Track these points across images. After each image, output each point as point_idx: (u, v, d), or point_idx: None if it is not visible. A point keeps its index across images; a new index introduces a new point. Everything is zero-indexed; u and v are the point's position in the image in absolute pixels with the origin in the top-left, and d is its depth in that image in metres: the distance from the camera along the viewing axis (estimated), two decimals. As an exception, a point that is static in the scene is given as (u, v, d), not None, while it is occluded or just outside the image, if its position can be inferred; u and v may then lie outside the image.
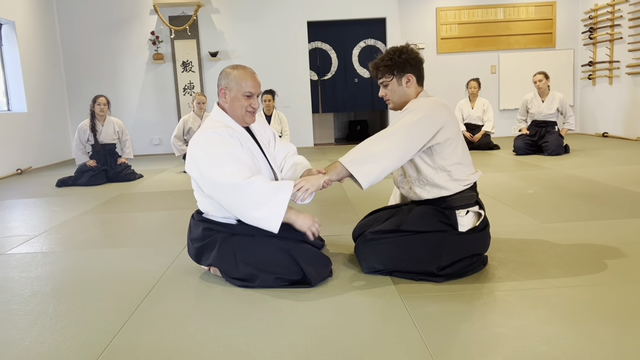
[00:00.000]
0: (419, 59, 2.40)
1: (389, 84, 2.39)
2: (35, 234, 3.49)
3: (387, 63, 2.36)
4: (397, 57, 2.35)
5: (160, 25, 8.76)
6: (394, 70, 2.36)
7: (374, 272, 2.33)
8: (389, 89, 2.40)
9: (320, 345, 1.70)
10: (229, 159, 2.18)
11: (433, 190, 2.33)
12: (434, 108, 2.28)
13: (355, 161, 2.20)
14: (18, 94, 7.52)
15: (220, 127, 2.28)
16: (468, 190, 2.34)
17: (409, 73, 2.36)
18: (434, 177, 2.30)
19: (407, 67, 2.35)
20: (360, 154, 2.21)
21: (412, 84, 2.38)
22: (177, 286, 2.35)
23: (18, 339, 1.87)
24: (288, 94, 8.53)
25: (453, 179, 2.30)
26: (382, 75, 2.39)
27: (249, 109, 2.32)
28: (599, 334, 1.69)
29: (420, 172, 2.34)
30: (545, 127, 6.52)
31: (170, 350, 1.72)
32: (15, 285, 2.46)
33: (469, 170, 2.36)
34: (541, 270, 2.31)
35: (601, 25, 8.27)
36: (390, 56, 2.36)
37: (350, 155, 2.21)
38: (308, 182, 2.18)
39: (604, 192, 3.93)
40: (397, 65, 2.35)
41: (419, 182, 2.36)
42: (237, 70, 2.33)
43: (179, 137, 6.47)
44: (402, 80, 2.37)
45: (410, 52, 2.38)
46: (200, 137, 2.27)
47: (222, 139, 2.23)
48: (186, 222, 2.66)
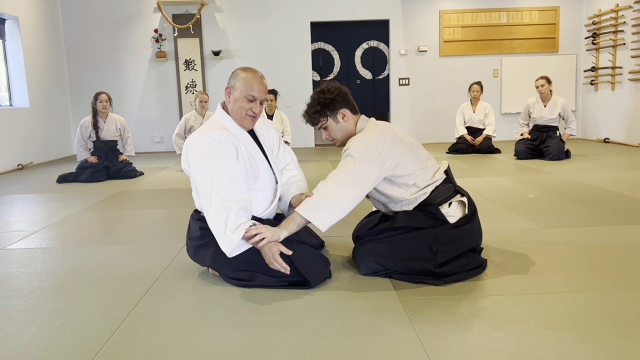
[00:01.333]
0: (342, 92, 2.44)
1: (327, 125, 2.44)
2: (35, 230, 3.49)
3: (316, 108, 2.42)
4: (323, 99, 2.40)
5: (163, 23, 8.77)
6: (326, 112, 2.41)
7: (372, 274, 2.33)
8: (328, 130, 2.46)
9: (318, 346, 1.71)
10: (210, 174, 2.19)
11: (410, 204, 2.36)
12: (372, 144, 2.28)
13: (311, 209, 2.21)
14: (20, 89, 7.53)
15: (217, 129, 2.27)
16: (442, 185, 2.36)
17: (341, 109, 2.41)
18: (404, 195, 2.34)
19: (336, 104, 2.40)
20: (315, 203, 2.22)
21: (348, 117, 2.43)
22: (175, 284, 2.35)
23: (17, 335, 1.87)
24: (290, 94, 8.53)
25: (422, 186, 2.33)
26: (317, 121, 2.44)
27: (249, 112, 2.31)
28: (597, 339, 1.69)
29: (389, 196, 2.38)
30: (547, 132, 6.53)
31: (168, 348, 1.72)
32: (15, 281, 2.47)
33: (431, 170, 2.38)
34: (540, 275, 2.31)
35: (604, 30, 8.28)
36: (317, 100, 2.41)
37: (307, 204, 2.22)
38: (269, 232, 2.16)
39: (605, 198, 3.93)
40: (326, 106, 2.40)
41: (393, 204, 2.41)
42: (246, 73, 2.32)
43: (181, 135, 6.47)
44: (337, 118, 2.42)
45: (332, 90, 2.42)
46: (196, 139, 2.27)
47: (213, 144, 2.21)
48: (186, 221, 2.67)
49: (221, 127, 2.31)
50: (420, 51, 8.94)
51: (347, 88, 2.50)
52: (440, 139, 8.99)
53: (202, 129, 2.33)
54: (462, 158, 6.75)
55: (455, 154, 7.22)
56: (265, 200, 2.38)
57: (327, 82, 2.50)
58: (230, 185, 2.17)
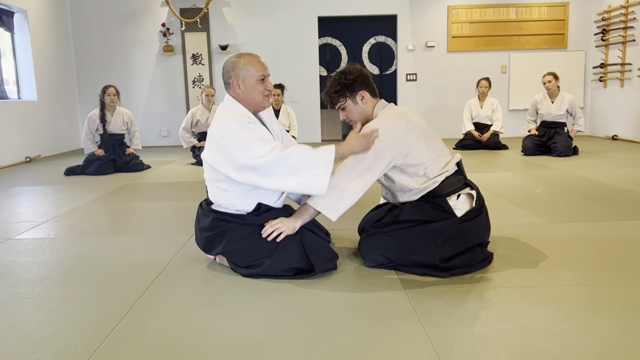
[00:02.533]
0: (364, 74, 2.45)
1: (345, 106, 2.44)
2: (43, 221, 3.52)
3: (336, 88, 2.42)
4: (344, 80, 2.40)
5: (171, 17, 8.78)
6: (345, 93, 2.41)
7: (378, 266, 2.34)
8: (347, 111, 2.46)
9: (323, 336, 1.71)
10: (259, 142, 2.17)
11: (419, 193, 2.36)
12: (386, 130, 2.28)
13: (321, 200, 2.24)
14: (28, 82, 7.57)
15: (242, 118, 2.26)
16: (452, 176, 2.35)
17: (360, 90, 2.41)
18: (414, 184, 2.35)
19: (356, 85, 2.41)
20: (326, 193, 2.23)
21: (367, 100, 2.43)
22: (183, 274, 2.36)
23: (24, 322, 1.88)
24: (297, 89, 8.52)
25: (431, 177, 2.33)
26: (336, 101, 2.45)
27: (266, 92, 2.33)
28: (603, 332, 1.69)
29: (398, 183, 2.38)
30: (555, 128, 6.49)
31: (175, 337, 1.73)
32: (22, 270, 2.48)
33: (443, 161, 2.37)
34: (547, 268, 2.31)
35: (614, 27, 8.21)
36: (338, 81, 2.42)
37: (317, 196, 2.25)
38: (285, 225, 2.22)
39: (612, 194, 3.91)
40: (346, 87, 2.41)
41: (401, 192, 2.41)
42: (243, 59, 2.31)
43: (187, 129, 6.48)
44: (356, 99, 2.42)
45: (354, 71, 2.43)
46: (227, 127, 2.22)
47: (248, 125, 2.21)
48: (193, 213, 2.67)
49: (242, 115, 2.29)
50: (428, 47, 8.90)
51: (369, 72, 2.49)
52: (448, 135, 8.96)
53: (223, 120, 2.27)
54: (469, 154, 6.73)
55: (462, 150, 7.19)
56: (276, 192, 2.38)
57: (349, 65, 2.50)
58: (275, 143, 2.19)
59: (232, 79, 2.31)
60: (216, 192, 2.36)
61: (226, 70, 2.33)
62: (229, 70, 2.31)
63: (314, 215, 2.28)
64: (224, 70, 2.34)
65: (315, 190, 2.16)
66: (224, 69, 2.34)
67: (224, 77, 2.34)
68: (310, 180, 2.13)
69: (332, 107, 2.49)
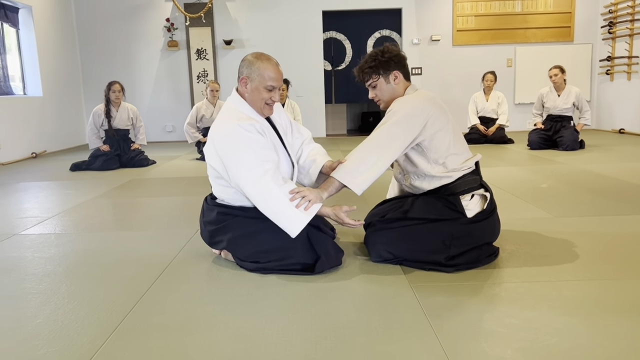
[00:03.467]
0: (401, 56, 2.42)
1: (377, 84, 2.42)
2: (49, 216, 3.53)
3: (371, 64, 2.39)
4: (381, 57, 2.38)
5: (175, 12, 8.77)
6: (379, 70, 2.39)
7: (383, 261, 2.33)
8: (377, 89, 2.43)
9: (329, 331, 1.71)
10: (253, 164, 2.16)
11: (433, 182, 2.35)
12: (417, 105, 2.28)
13: (348, 172, 2.25)
14: (34, 78, 7.59)
15: (244, 120, 2.22)
16: (469, 175, 2.34)
17: (395, 70, 2.39)
18: (430, 170, 2.33)
19: (391, 64, 2.38)
20: (353, 166, 2.26)
21: (399, 81, 2.41)
22: (188, 269, 2.36)
23: (31, 317, 1.89)
24: (301, 84, 8.50)
25: (449, 169, 2.32)
26: (369, 78, 2.42)
27: (269, 102, 2.29)
28: (610, 327, 1.68)
29: (416, 165, 2.36)
30: (561, 122, 6.45)
31: (180, 332, 1.73)
32: (29, 265, 2.50)
33: (464, 157, 2.36)
34: (553, 263, 2.29)
35: (621, 19, 8.14)
36: (374, 57, 2.40)
37: (344, 168, 2.27)
38: (312, 194, 2.20)
39: (619, 188, 3.88)
40: (381, 64, 2.38)
41: (417, 176, 2.39)
42: (260, 61, 2.26)
43: (192, 124, 6.48)
44: (389, 78, 2.40)
45: (392, 51, 2.41)
46: (226, 131, 2.22)
47: (247, 134, 2.18)
48: (198, 208, 2.67)
49: (246, 116, 2.26)
50: (433, 40, 8.86)
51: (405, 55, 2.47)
52: (453, 129, 8.92)
53: (227, 117, 2.27)
54: (474, 148, 6.65)
55: (467, 144, 7.14)
56: None
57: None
58: (277, 169, 2.19)
59: (243, 76, 2.30)
60: (219, 188, 2.37)
61: (242, 65, 2.31)
62: (244, 67, 2.30)
63: (339, 188, 2.27)
64: (241, 64, 2.31)
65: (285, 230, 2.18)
66: (242, 62, 2.31)
67: (239, 71, 2.33)
68: (279, 223, 2.18)
69: (362, 83, 2.46)
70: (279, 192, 2.15)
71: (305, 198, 2.17)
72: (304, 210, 2.15)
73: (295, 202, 2.15)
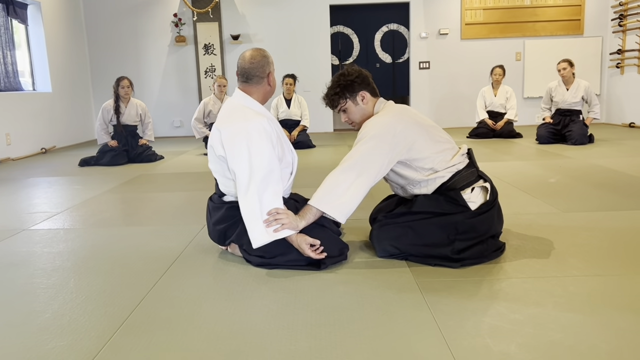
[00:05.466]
0: (363, 75, 2.43)
1: (346, 107, 2.44)
2: (58, 211, 3.56)
3: (336, 90, 2.41)
4: (344, 81, 2.40)
5: (182, 8, 8.78)
6: (346, 94, 2.40)
7: (388, 256, 2.33)
8: (348, 112, 2.45)
9: (334, 325, 1.72)
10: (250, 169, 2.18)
11: (429, 185, 2.34)
12: (385, 125, 2.27)
13: (324, 199, 2.21)
14: (43, 74, 7.64)
15: (253, 118, 2.25)
16: (465, 169, 2.33)
17: (360, 91, 2.40)
18: (422, 177, 2.33)
19: (355, 86, 2.40)
20: (327, 191, 2.22)
21: (367, 100, 2.42)
22: (195, 264, 2.38)
23: (40, 311, 1.92)
24: (309, 79, 8.49)
25: (440, 170, 2.31)
26: (337, 103, 2.44)
27: None
28: (616, 323, 1.67)
29: (407, 177, 2.36)
30: (570, 116, 6.40)
31: (187, 326, 1.75)
32: (38, 260, 2.52)
33: (450, 154, 2.35)
34: (560, 258, 2.29)
35: (632, 12, 8.04)
36: (337, 82, 2.42)
37: (319, 194, 2.23)
38: (289, 219, 2.17)
39: (628, 183, 3.85)
40: (346, 88, 2.40)
41: (412, 185, 2.39)
42: (266, 53, 2.39)
43: (200, 119, 6.50)
44: (357, 100, 2.41)
45: (352, 72, 2.42)
46: (236, 132, 2.23)
47: (256, 137, 2.20)
48: (205, 203, 2.68)
49: (255, 112, 2.29)
50: (441, 34, 8.81)
51: (368, 71, 2.48)
52: (461, 123, 8.88)
53: (238, 119, 2.28)
54: (482, 142, 6.67)
55: (475, 139, 7.13)
56: (286, 176, 2.40)
57: (347, 65, 2.50)
58: (267, 179, 2.18)
59: (268, 72, 2.36)
60: (225, 182, 2.38)
61: (260, 64, 2.33)
62: (265, 65, 2.34)
63: (317, 215, 2.23)
64: (258, 64, 2.33)
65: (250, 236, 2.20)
66: (256, 62, 2.33)
67: (257, 71, 2.33)
68: (247, 227, 2.19)
69: (333, 109, 2.48)
70: (258, 203, 2.16)
71: (279, 221, 2.16)
72: (272, 232, 2.16)
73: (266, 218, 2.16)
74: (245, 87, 2.37)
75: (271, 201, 2.18)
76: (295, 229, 2.19)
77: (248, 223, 2.18)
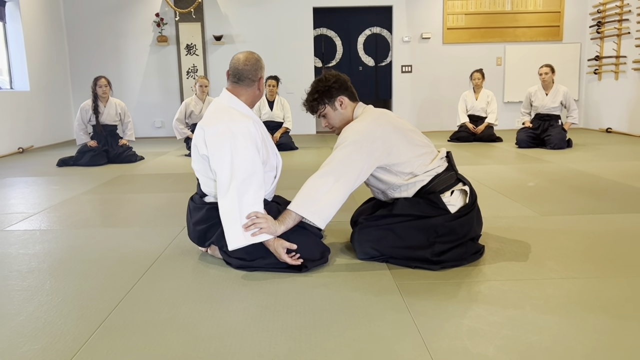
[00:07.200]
0: (341, 80, 2.44)
1: (325, 113, 2.45)
2: (35, 212, 3.50)
3: (314, 96, 2.43)
4: (322, 87, 2.41)
5: (165, 7, 8.71)
6: (324, 100, 2.42)
7: (369, 259, 2.34)
8: (327, 117, 2.46)
9: (314, 328, 1.71)
10: (231, 171, 2.17)
11: (409, 188, 2.35)
12: (365, 130, 2.28)
13: (303, 204, 2.20)
14: (21, 72, 7.51)
15: (238, 119, 2.24)
16: (444, 173, 2.35)
17: (338, 96, 2.41)
18: (402, 181, 2.34)
19: (333, 91, 2.41)
20: (306, 196, 2.21)
21: (346, 104, 2.43)
22: (174, 266, 2.36)
23: (14, 314, 1.88)
24: (292, 81, 8.49)
25: (419, 174, 2.33)
26: (316, 109, 2.45)
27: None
28: (592, 325, 1.70)
29: (386, 182, 2.37)
30: (549, 121, 6.50)
31: (165, 328, 1.73)
32: (13, 262, 2.47)
33: (429, 157, 2.37)
34: (538, 261, 2.31)
35: (609, 19, 8.21)
36: (315, 89, 2.43)
37: (298, 199, 2.22)
38: (267, 224, 2.16)
39: (605, 187, 3.92)
40: (324, 94, 2.41)
41: (391, 190, 2.40)
42: (258, 56, 2.40)
43: (181, 120, 6.45)
44: (335, 105, 2.42)
45: (330, 77, 2.43)
46: (220, 132, 2.22)
47: (240, 138, 2.19)
48: (186, 205, 2.66)
49: (243, 115, 2.28)
50: (424, 38, 8.88)
51: (347, 75, 2.49)
52: (442, 127, 8.96)
53: (223, 119, 2.26)
54: (463, 146, 6.73)
55: (456, 142, 7.20)
56: (270, 180, 2.40)
57: (327, 69, 2.50)
58: (248, 181, 2.17)
59: (260, 77, 2.37)
60: (207, 182, 2.37)
61: (254, 67, 2.33)
62: (258, 69, 2.35)
63: (297, 220, 2.22)
64: (252, 67, 2.33)
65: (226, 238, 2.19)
66: (250, 65, 2.32)
67: (250, 73, 2.33)
68: (224, 229, 2.18)
69: (313, 114, 2.49)
70: (238, 205, 2.14)
71: (257, 225, 2.15)
72: (250, 235, 2.14)
73: (245, 221, 2.15)
74: (234, 88, 2.36)
75: (251, 204, 2.17)
76: (273, 234, 2.18)
77: (225, 224, 2.17)
